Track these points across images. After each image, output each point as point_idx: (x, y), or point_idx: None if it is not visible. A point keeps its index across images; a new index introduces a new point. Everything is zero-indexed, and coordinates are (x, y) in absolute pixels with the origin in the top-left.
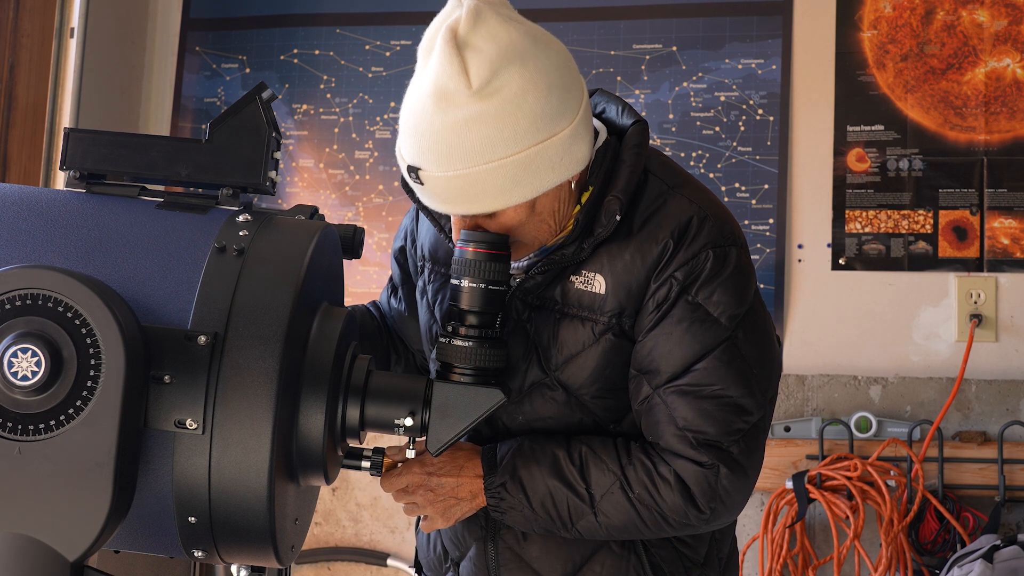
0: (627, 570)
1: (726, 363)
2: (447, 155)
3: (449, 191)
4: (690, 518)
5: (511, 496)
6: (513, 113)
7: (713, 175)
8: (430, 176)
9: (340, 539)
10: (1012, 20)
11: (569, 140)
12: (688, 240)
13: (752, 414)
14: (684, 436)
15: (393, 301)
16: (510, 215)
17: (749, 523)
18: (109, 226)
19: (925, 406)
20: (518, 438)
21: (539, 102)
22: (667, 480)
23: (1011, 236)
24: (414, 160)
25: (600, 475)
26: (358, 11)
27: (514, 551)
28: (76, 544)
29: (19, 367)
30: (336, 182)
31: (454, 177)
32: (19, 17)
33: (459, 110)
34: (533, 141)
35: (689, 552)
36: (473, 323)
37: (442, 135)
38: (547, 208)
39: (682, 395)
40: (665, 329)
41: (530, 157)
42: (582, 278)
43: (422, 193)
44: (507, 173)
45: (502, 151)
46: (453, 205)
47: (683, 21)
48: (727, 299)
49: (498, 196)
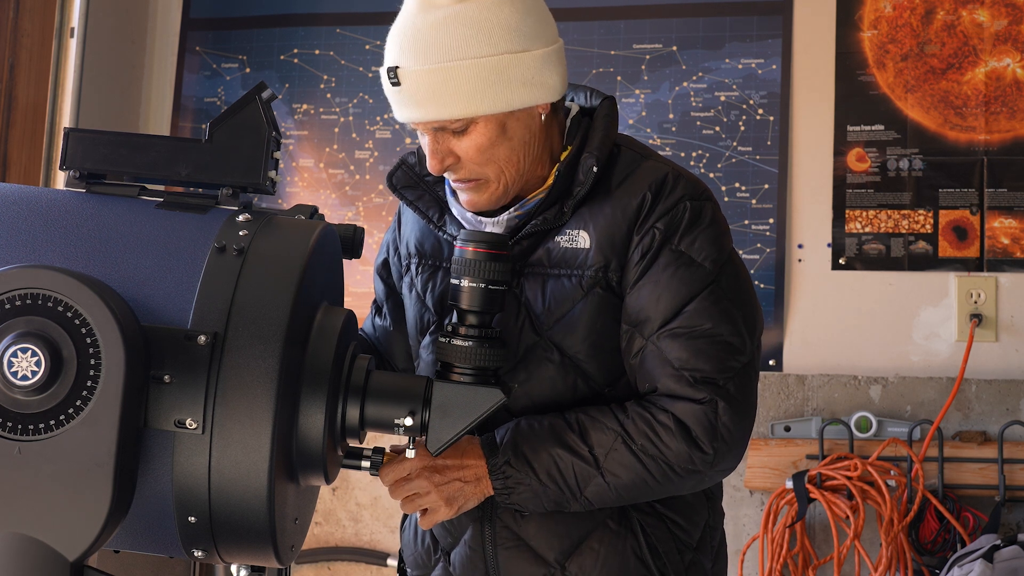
0: (624, 548)
1: (714, 302)
2: (424, 50)
3: (425, 89)
4: (695, 461)
5: (517, 472)
6: (489, 19)
7: (713, 175)
8: (407, 72)
9: (340, 539)
10: (1012, 20)
11: (542, 61)
12: (666, 193)
13: (743, 353)
14: (680, 375)
15: (378, 320)
16: (480, 131)
17: (749, 523)
18: (109, 226)
19: (925, 406)
20: (514, 419)
21: (514, 16)
22: (667, 426)
23: (1011, 236)
24: (394, 60)
25: (601, 435)
26: (358, 11)
27: (511, 529)
28: (76, 544)
29: (19, 367)
30: (336, 182)
31: (429, 71)
32: (19, 17)
33: (440, 10)
34: (507, 49)
35: (683, 535)
36: (473, 323)
37: (422, 31)
38: (517, 136)
39: (675, 337)
40: (652, 278)
41: (502, 63)
42: (566, 236)
43: (398, 96)
44: (479, 74)
45: (475, 50)
46: (426, 106)
47: (683, 21)
48: (708, 246)
49: (469, 99)
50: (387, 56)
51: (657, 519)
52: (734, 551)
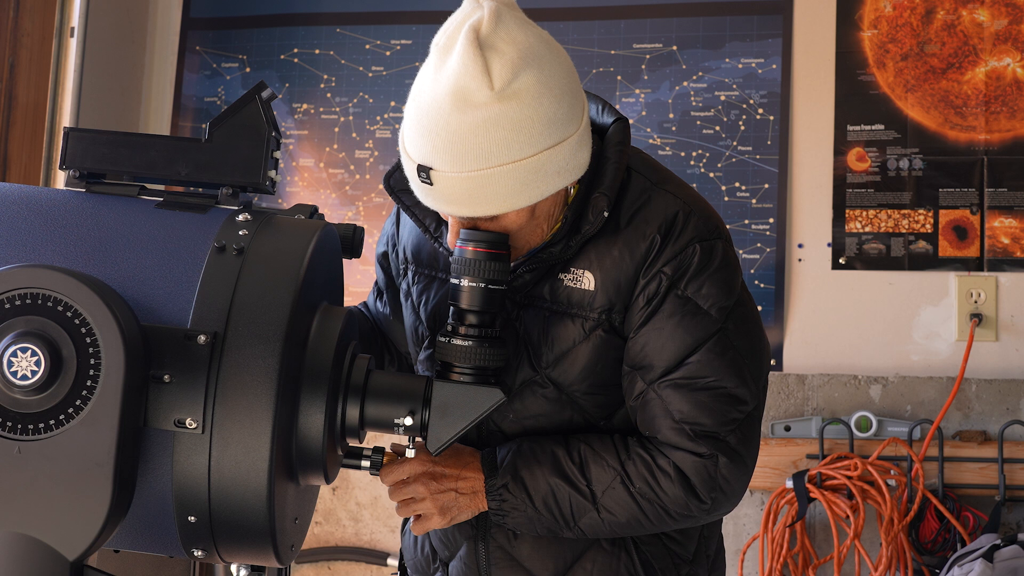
0: (618, 567)
1: (719, 354)
2: (463, 155)
3: (460, 192)
4: (691, 509)
5: (513, 497)
6: (530, 116)
7: (713, 175)
8: (442, 176)
9: (340, 538)
10: (1012, 19)
11: (576, 145)
12: (675, 235)
13: (747, 403)
14: (681, 429)
15: (379, 305)
16: (512, 218)
17: (749, 522)
18: (109, 225)
19: (925, 405)
20: (516, 440)
21: (553, 106)
22: (667, 473)
23: (1011, 235)
24: (425, 159)
25: (600, 471)
26: (358, 10)
27: (505, 550)
28: (76, 543)
29: (19, 366)
30: (336, 181)
31: (467, 178)
32: (19, 17)
33: (479, 111)
34: (546, 145)
35: (678, 549)
36: (473, 322)
37: (459, 135)
38: (544, 212)
39: (677, 388)
40: (656, 324)
41: (542, 161)
42: (571, 275)
43: (429, 193)
44: (519, 176)
45: (517, 153)
46: (461, 206)
47: (683, 20)
48: (716, 292)
49: (507, 199)
50: (414, 148)
51: (651, 536)
52: (734, 551)
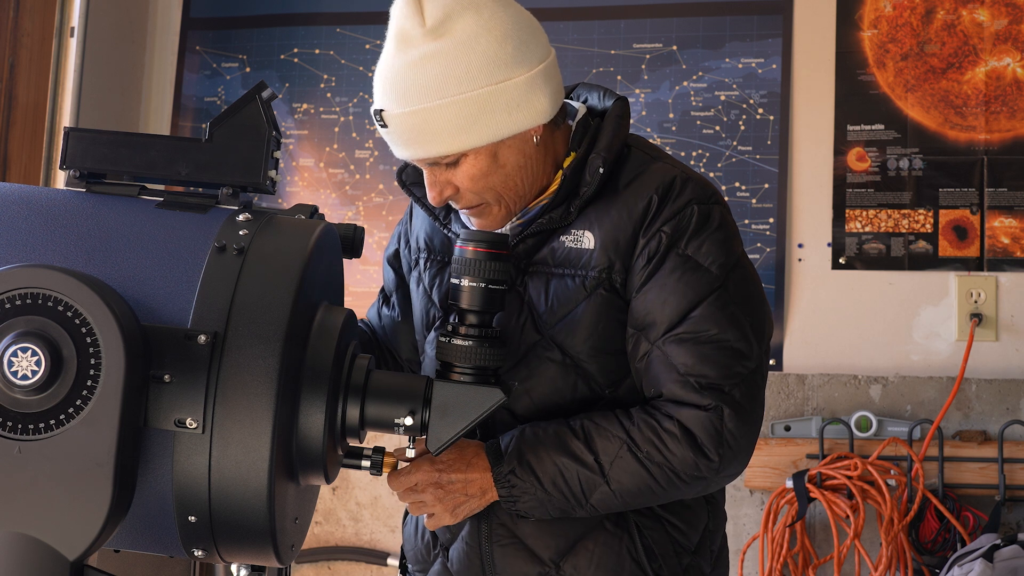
0: (620, 549)
1: (720, 308)
2: (403, 92)
3: (407, 130)
4: (701, 468)
5: (522, 481)
6: (466, 53)
7: (713, 174)
8: (391, 116)
9: (340, 538)
10: (1012, 19)
11: (526, 87)
12: (673, 196)
13: (749, 359)
14: (686, 381)
15: (385, 309)
16: (471, 163)
17: (749, 522)
18: (109, 225)
19: (925, 405)
20: (519, 426)
21: (492, 46)
22: (673, 433)
23: (1011, 235)
24: (378, 103)
25: (606, 442)
26: (358, 10)
27: (508, 527)
28: (76, 543)
29: (19, 366)
30: (336, 181)
31: (411, 114)
32: (19, 17)
33: (414, 49)
34: (486, 82)
35: (681, 538)
36: (473, 322)
37: (400, 73)
38: (511, 162)
39: (681, 343)
40: (658, 282)
41: (483, 97)
42: (571, 236)
43: (387, 138)
44: (461, 111)
45: (455, 88)
46: (413, 147)
47: (683, 20)
48: (716, 250)
49: (454, 136)
50: (375, 97)
51: (655, 521)
52: (734, 551)
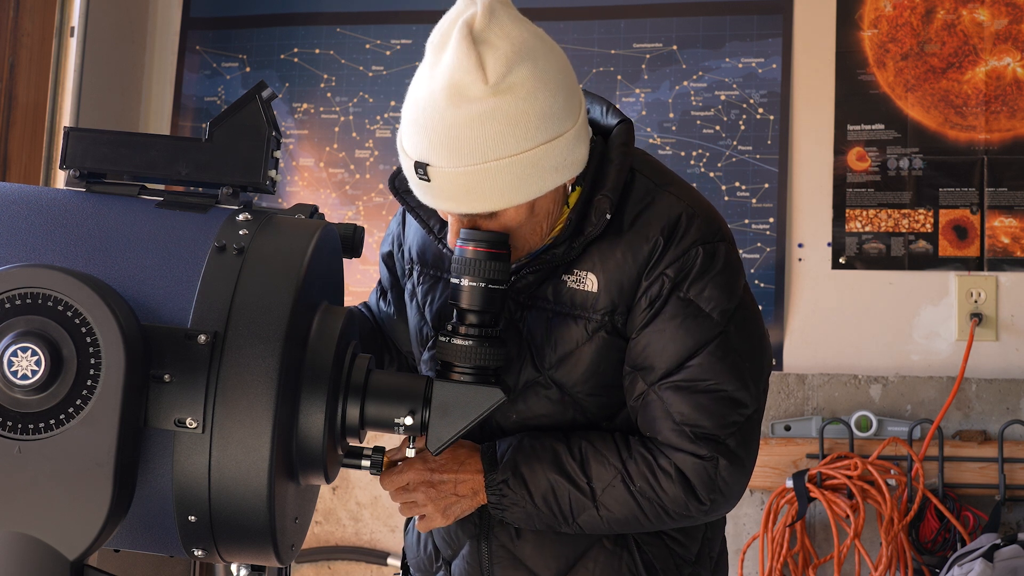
0: (620, 567)
1: (720, 358)
2: (458, 150)
3: (457, 188)
4: (690, 509)
5: (513, 492)
6: (526, 111)
7: (713, 174)
8: (439, 172)
9: (340, 538)
10: (1012, 19)
11: (573, 141)
12: (678, 237)
13: (747, 406)
14: (682, 431)
15: (382, 304)
16: (511, 215)
17: (749, 522)
18: (109, 225)
19: (925, 405)
20: (517, 435)
21: (548, 101)
22: (668, 473)
23: (1011, 235)
24: (422, 156)
25: (601, 469)
26: (358, 10)
27: (508, 549)
28: (76, 543)
29: (19, 366)
30: (336, 181)
31: (464, 173)
32: (19, 16)
33: (473, 105)
34: (542, 139)
35: (681, 550)
36: (473, 322)
37: (455, 130)
38: (543, 210)
39: (677, 391)
40: (658, 326)
41: (538, 155)
42: (574, 277)
43: (427, 190)
44: (516, 171)
45: (513, 148)
46: (459, 203)
47: (683, 20)
48: (718, 295)
49: (504, 194)
50: (410, 144)
51: (654, 536)
52: (734, 551)
